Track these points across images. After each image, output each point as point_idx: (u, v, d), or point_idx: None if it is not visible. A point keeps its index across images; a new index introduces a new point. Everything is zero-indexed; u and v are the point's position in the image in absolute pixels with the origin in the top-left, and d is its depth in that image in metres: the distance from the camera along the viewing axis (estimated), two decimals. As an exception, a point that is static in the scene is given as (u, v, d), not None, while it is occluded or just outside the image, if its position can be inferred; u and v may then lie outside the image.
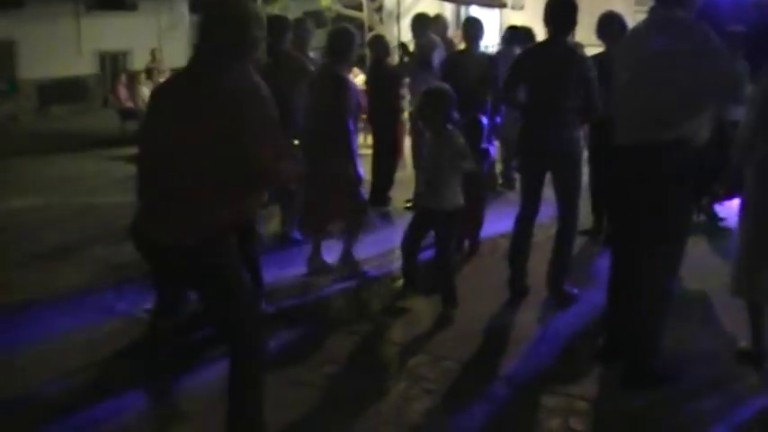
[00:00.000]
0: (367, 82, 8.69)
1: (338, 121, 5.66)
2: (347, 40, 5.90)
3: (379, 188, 8.09)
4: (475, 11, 16.55)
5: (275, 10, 15.61)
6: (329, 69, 5.89)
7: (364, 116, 8.45)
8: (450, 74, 6.91)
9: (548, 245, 5.62)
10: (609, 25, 6.53)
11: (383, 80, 8.21)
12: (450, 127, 5.11)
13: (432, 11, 13.80)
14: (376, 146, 8.31)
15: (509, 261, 5.62)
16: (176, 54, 17.10)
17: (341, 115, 5.65)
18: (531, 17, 13.91)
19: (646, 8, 13.87)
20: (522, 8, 14.94)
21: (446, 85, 5.30)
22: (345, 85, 5.77)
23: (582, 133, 5.52)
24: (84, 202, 8.84)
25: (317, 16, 17.77)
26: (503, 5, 13.63)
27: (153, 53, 15.81)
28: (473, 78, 6.90)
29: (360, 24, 16.61)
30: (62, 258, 6.70)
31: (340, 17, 16.22)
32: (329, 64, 5.92)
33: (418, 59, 8.23)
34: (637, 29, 4.45)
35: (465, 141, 5.13)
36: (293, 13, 16.99)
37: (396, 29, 14.29)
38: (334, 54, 5.87)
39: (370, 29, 15.16)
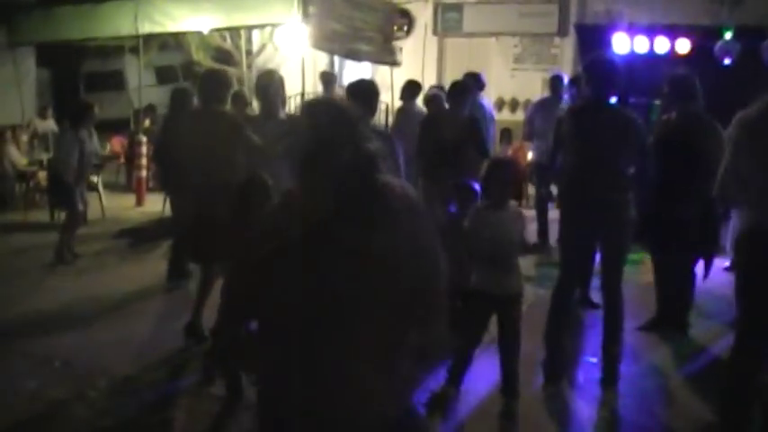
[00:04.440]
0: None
1: None
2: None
3: None
4: (353, 66, 17.16)
5: (142, 62, 15.68)
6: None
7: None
8: (429, 135, 7.26)
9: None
10: (688, 86, 6.22)
11: None
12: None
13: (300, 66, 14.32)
14: None
15: (546, 340, 5.45)
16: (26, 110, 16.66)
17: None
18: (409, 72, 14.73)
19: (525, 66, 14.83)
20: (400, 64, 15.59)
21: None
22: None
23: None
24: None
25: (185, 69, 17.95)
26: (395, 63, 14.24)
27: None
28: (452, 140, 7.11)
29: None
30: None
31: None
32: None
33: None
34: None
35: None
36: (157, 65, 17.18)
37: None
38: None
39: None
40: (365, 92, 5.53)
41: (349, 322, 2.44)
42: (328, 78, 11.79)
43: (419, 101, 9.96)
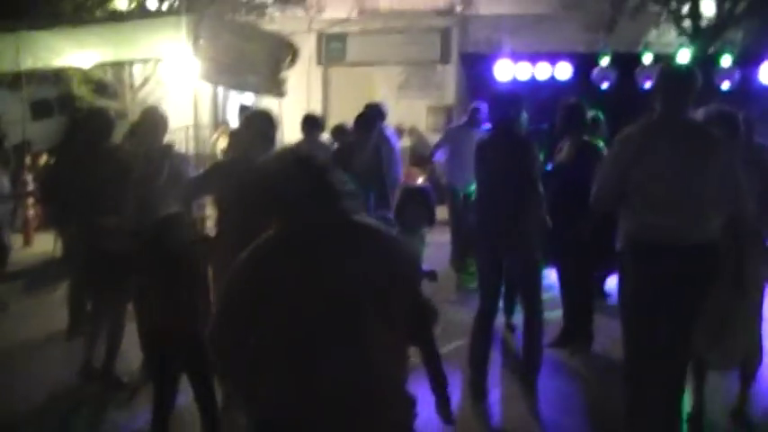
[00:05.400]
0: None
1: None
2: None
3: None
4: (237, 97, 17.23)
5: (20, 97, 15.32)
6: None
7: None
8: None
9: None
10: (580, 115, 6.80)
11: None
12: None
13: (186, 99, 14.32)
14: None
15: (470, 362, 5.83)
16: None
17: None
18: (294, 103, 14.97)
19: (409, 93, 15.23)
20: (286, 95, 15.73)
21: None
22: None
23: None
24: None
25: (61, 103, 17.56)
26: (281, 94, 14.37)
27: None
28: (361, 172, 7.06)
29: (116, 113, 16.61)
30: None
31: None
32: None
33: None
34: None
35: None
36: (32, 100, 16.76)
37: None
38: None
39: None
40: (265, 124, 5.50)
41: (354, 332, 2.67)
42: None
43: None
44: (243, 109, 11.40)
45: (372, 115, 8.15)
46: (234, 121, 14.44)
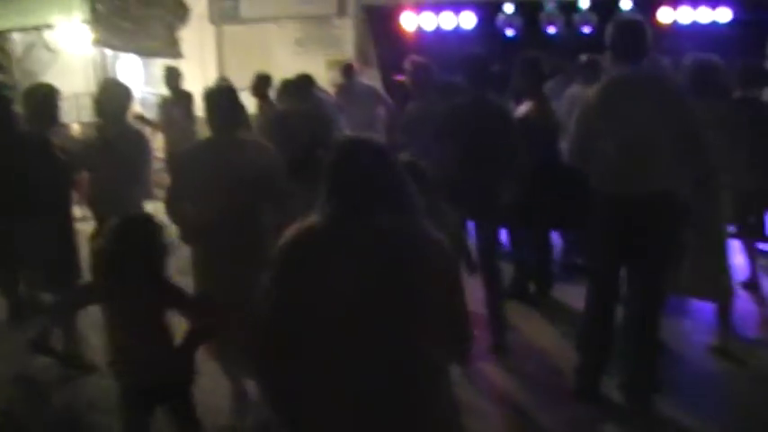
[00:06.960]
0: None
1: None
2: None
3: None
4: (127, 59, 16.66)
5: None
6: None
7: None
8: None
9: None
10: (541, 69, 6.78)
11: None
12: None
13: (75, 67, 13.76)
14: None
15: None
16: None
17: None
18: (190, 64, 14.64)
19: (307, 49, 15.09)
20: (182, 56, 15.36)
21: None
22: None
23: None
24: None
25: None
26: (179, 56, 14.02)
27: None
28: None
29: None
30: None
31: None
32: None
33: None
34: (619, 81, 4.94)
35: None
36: None
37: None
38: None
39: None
40: (228, 100, 5.07)
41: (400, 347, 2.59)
42: (176, 79, 11.22)
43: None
44: (170, 71, 11.00)
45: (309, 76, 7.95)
46: (151, 86, 13.99)
